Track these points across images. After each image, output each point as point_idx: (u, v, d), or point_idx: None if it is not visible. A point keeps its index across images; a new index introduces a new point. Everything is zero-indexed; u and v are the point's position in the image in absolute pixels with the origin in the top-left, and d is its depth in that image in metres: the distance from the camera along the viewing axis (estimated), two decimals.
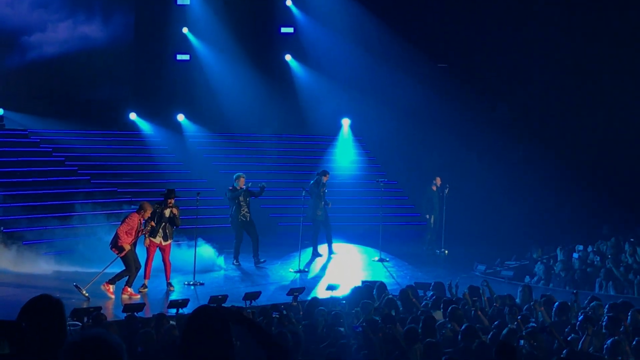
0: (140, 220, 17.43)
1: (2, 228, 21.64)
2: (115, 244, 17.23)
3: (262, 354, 5.09)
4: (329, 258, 22.54)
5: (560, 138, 29.53)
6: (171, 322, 12.92)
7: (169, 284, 17.90)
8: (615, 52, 28.30)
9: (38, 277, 18.79)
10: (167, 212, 17.86)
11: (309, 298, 14.48)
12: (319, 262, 22.11)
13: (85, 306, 14.91)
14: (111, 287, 17.18)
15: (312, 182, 22.57)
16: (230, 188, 21.23)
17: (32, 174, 24.49)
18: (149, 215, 17.57)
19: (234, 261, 21.22)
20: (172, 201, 17.93)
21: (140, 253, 17.76)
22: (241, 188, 21.08)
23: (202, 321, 4.75)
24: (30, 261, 20.05)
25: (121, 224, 17.36)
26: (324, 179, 22.45)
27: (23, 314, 5.02)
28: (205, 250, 20.44)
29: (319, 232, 22.70)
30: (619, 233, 23.77)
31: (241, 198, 21.05)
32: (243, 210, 21.10)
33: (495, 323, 11.82)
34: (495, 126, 29.86)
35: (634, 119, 27.64)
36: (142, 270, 17.64)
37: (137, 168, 27.51)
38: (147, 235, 17.72)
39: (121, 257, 17.24)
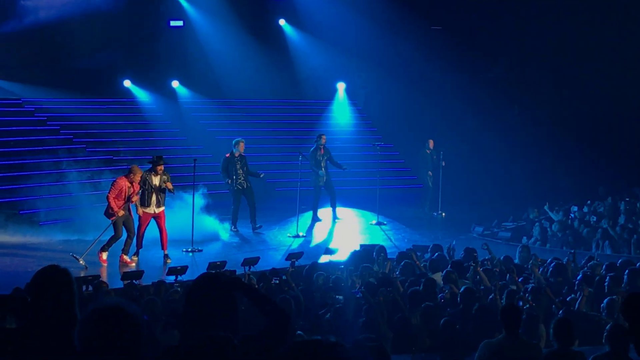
0: (128, 183, 17.31)
1: None
2: (107, 211, 17.20)
3: (264, 320, 5.09)
4: (331, 223, 22.54)
5: (556, 99, 29.56)
6: (175, 286, 12.96)
7: (166, 255, 17.72)
8: (613, 12, 28.21)
9: (34, 247, 18.83)
10: (156, 180, 17.73)
11: (308, 263, 14.47)
12: (317, 227, 22.12)
13: (83, 275, 14.91)
14: (104, 255, 17.22)
15: (312, 148, 22.55)
16: (227, 156, 21.13)
17: (27, 143, 24.40)
18: (139, 178, 17.48)
19: (232, 227, 21.20)
20: (162, 168, 17.82)
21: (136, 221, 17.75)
22: (240, 153, 20.99)
23: (204, 289, 4.75)
24: (27, 231, 20.08)
25: (109, 190, 17.27)
26: (322, 141, 22.41)
27: (32, 286, 5.00)
28: (206, 218, 20.40)
29: (319, 198, 22.70)
30: (615, 193, 23.86)
31: (238, 166, 20.98)
32: (240, 177, 21.04)
33: (499, 283, 11.82)
34: (490, 87, 29.84)
35: (630, 79, 27.60)
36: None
37: (133, 135, 27.42)
38: (138, 205, 17.63)
39: (117, 225, 17.22)
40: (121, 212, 17.11)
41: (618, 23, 28.10)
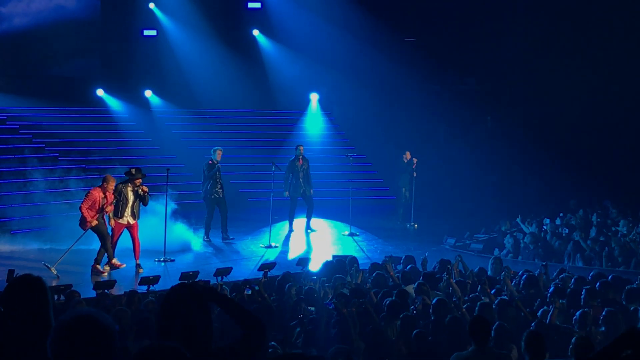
0: (102, 193, 17.24)
1: None
2: (82, 221, 17.13)
3: (238, 330, 5.09)
4: (304, 234, 22.54)
5: (528, 111, 29.71)
6: (150, 297, 12.92)
7: (138, 265, 17.63)
8: (584, 25, 28.40)
9: (6, 256, 18.66)
10: (132, 193, 17.68)
11: (281, 273, 14.47)
12: (289, 237, 22.12)
13: (54, 284, 14.83)
14: (98, 266, 17.21)
15: (291, 158, 22.59)
16: (210, 162, 21.09)
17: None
18: (112, 187, 17.41)
19: (205, 237, 21.17)
20: (140, 182, 17.77)
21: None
22: (217, 162, 20.98)
23: (178, 299, 4.74)
24: None
25: (83, 201, 17.20)
26: (300, 151, 22.44)
27: (5, 296, 4.96)
28: (178, 228, 20.36)
29: (295, 208, 22.70)
30: (587, 206, 24.01)
31: (217, 174, 20.97)
32: (217, 186, 21.02)
33: (470, 296, 11.85)
34: (463, 100, 29.99)
35: (603, 92, 27.81)
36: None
37: (105, 145, 27.31)
38: (111, 216, 17.58)
39: (95, 233, 17.19)
40: (94, 222, 17.05)
41: (591, 36, 28.27)
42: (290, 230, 22.61)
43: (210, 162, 21.07)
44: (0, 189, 22.48)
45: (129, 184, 17.70)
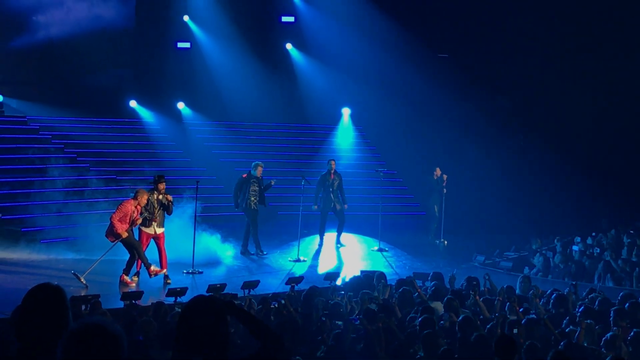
0: (134, 207, 17.33)
1: (0, 215, 21.64)
2: (111, 232, 17.15)
3: (256, 343, 5.08)
4: (334, 248, 22.51)
5: (560, 129, 29.46)
6: (177, 308, 12.91)
7: (166, 276, 17.66)
8: (618, 43, 28.22)
9: (36, 265, 18.78)
10: (156, 200, 17.71)
11: (308, 287, 14.44)
12: (319, 252, 22.08)
13: (83, 294, 14.86)
14: (126, 277, 17.24)
15: (323, 172, 22.59)
16: (244, 176, 21.11)
17: (31, 161, 24.39)
18: (145, 202, 17.49)
19: (242, 249, 21.22)
20: (164, 187, 17.82)
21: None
22: (257, 177, 20.99)
23: (197, 311, 4.73)
24: (29, 248, 20.07)
25: (115, 212, 17.27)
26: (331, 166, 22.43)
27: (23, 305, 4.96)
28: (207, 240, 20.38)
29: (325, 222, 22.66)
30: (619, 226, 23.79)
31: (254, 187, 20.98)
32: (254, 199, 21.03)
33: (496, 315, 11.78)
34: (495, 116, 29.87)
35: (635, 112, 27.59)
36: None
37: (137, 156, 27.38)
38: (141, 228, 17.62)
39: (124, 244, 17.22)
40: (125, 234, 17.09)
41: (627, 54, 28.08)
42: (320, 245, 22.57)
43: (244, 175, 21.07)
44: (30, 198, 22.57)
45: (155, 192, 17.75)
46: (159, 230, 17.80)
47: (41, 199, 22.51)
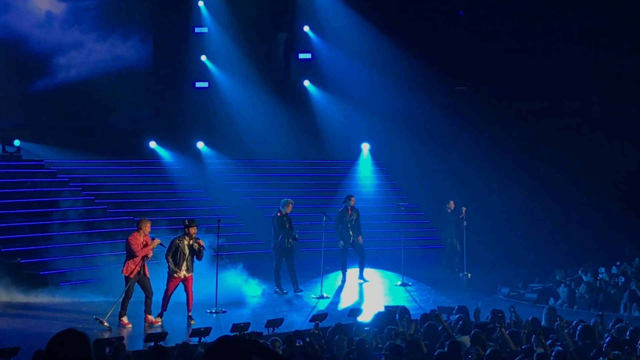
0: (141, 238, 17.27)
1: (19, 259, 21.68)
2: (127, 268, 17.18)
3: None
4: (357, 284, 22.45)
5: (581, 160, 29.36)
6: (199, 349, 12.86)
7: (190, 317, 17.57)
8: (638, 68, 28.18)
9: (56, 309, 18.78)
10: (187, 245, 17.71)
11: (332, 324, 14.35)
12: (342, 288, 22.02)
13: (107, 337, 14.83)
14: (150, 317, 17.22)
15: (340, 209, 22.56)
16: (278, 214, 21.08)
17: (49, 204, 24.46)
18: (149, 230, 17.46)
19: (277, 288, 21.09)
20: (195, 232, 17.80)
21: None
22: (287, 213, 20.98)
23: (222, 351, 4.71)
24: (48, 292, 20.05)
25: (133, 250, 17.14)
26: (351, 202, 22.42)
27: (48, 351, 4.94)
28: (230, 279, 20.34)
29: (346, 258, 22.60)
30: None
31: (287, 225, 20.96)
32: (289, 237, 20.99)
33: (523, 347, 11.66)
34: (515, 147, 29.79)
35: None
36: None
37: (157, 196, 27.40)
38: (172, 266, 17.55)
39: (139, 284, 17.21)
40: (142, 252, 17.09)
41: None
42: (343, 281, 22.49)
43: (279, 214, 21.04)
44: (48, 242, 22.62)
45: (185, 238, 17.71)
46: (188, 274, 17.74)
47: (58, 242, 22.55)
